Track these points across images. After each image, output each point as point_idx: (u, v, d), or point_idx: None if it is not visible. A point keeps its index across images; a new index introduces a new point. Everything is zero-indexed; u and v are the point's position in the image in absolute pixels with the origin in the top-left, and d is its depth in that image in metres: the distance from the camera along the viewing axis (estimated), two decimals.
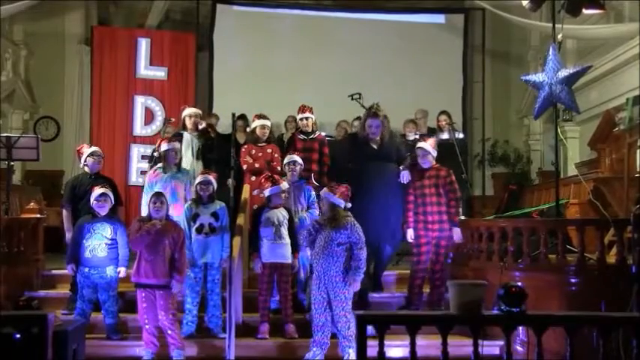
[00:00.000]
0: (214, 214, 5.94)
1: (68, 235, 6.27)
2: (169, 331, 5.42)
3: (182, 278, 5.58)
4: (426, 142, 6.45)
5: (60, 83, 11.47)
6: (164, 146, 6.48)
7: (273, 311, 6.03)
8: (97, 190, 5.88)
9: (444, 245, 6.31)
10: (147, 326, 5.48)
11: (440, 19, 11.58)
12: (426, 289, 6.42)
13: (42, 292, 6.46)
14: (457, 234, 6.30)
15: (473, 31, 11.50)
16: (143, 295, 5.47)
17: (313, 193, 6.36)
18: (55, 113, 11.45)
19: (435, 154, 6.42)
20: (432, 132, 9.15)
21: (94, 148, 6.55)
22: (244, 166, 7.11)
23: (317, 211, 6.16)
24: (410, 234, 6.38)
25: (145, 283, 5.46)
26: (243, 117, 8.79)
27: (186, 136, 7.28)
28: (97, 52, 10.38)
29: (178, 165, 6.55)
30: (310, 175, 6.88)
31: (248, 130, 7.82)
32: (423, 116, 9.36)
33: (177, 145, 6.55)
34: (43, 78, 11.39)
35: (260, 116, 7.37)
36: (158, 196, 5.63)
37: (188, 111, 7.54)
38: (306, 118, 7.31)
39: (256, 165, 7.05)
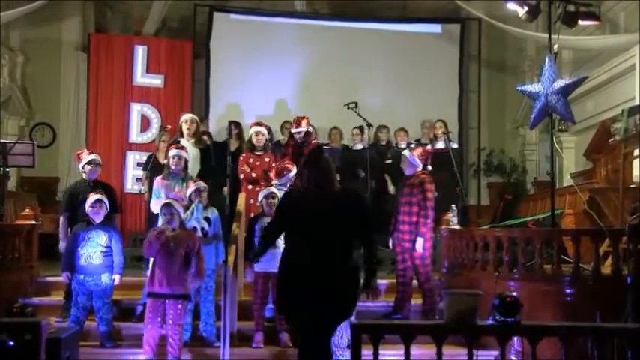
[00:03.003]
0: (207, 219, 5.94)
1: (62, 245, 6.26)
2: (171, 340, 5.37)
3: (199, 280, 5.59)
4: (414, 151, 6.46)
5: (56, 90, 11.44)
6: (171, 152, 6.51)
7: (268, 319, 6.02)
8: (92, 197, 5.87)
9: (418, 256, 6.24)
10: (149, 334, 5.43)
11: (436, 28, 11.59)
12: (419, 299, 6.41)
13: (36, 299, 6.43)
14: (418, 244, 6.19)
15: (469, 41, 11.52)
16: (152, 305, 5.42)
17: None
18: (51, 120, 11.42)
19: (417, 163, 6.38)
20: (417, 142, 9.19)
21: (92, 156, 6.52)
22: (241, 175, 7.12)
23: None
24: (390, 243, 6.47)
25: (157, 292, 5.41)
26: (236, 124, 8.79)
27: (183, 142, 7.29)
28: (93, 59, 10.38)
29: (185, 171, 6.56)
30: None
31: (246, 138, 7.82)
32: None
33: (183, 153, 6.56)
34: (40, 84, 11.37)
35: (255, 124, 7.40)
36: (168, 207, 5.57)
37: (184, 117, 7.56)
38: (299, 133, 7.37)
39: (253, 175, 7.06)
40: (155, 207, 6.23)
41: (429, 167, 6.70)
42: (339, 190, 4.33)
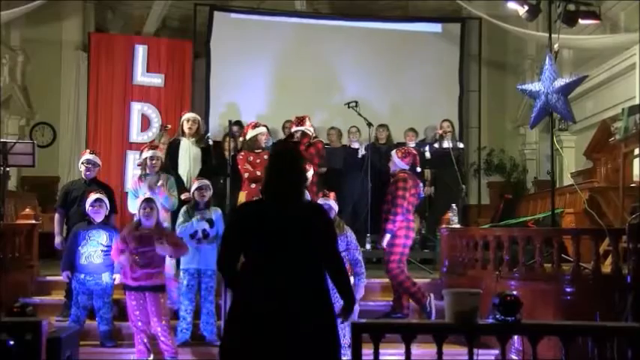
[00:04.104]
0: (209, 221, 5.94)
1: (57, 240, 6.31)
2: (162, 338, 5.41)
3: (181, 250, 5.63)
4: (398, 151, 6.46)
5: (56, 89, 11.44)
6: (146, 153, 6.53)
7: None
8: (92, 196, 5.89)
9: (387, 252, 6.23)
10: (139, 330, 5.46)
11: (437, 27, 11.58)
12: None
13: (36, 299, 6.44)
14: (385, 240, 6.18)
15: (469, 40, 11.51)
16: (133, 299, 5.47)
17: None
18: (52, 119, 11.42)
19: (398, 163, 6.36)
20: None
21: (86, 157, 6.54)
22: (245, 174, 7.11)
23: None
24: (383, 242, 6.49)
25: (134, 285, 5.47)
26: (238, 123, 8.77)
27: (184, 141, 7.29)
28: (93, 58, 10.39)
29: (159, 172, 6.57)
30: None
31: (241, 138, 7.81)
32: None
33: (158, 153, 6.62)
34: (40, 84, 11.37)
35: (256, 125, 7.40)
36: (148, 202, 5.64)
37: (186, 116, 7.56)
38: (297, 131, 7.38)
39: (257, 173, 7.06)
40: (134, 206, 6.24)
41: (418, 169, 6.69)
42: (304, 203, 3.51)
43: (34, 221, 6.82)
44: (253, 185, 7.01)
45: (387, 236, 6.16)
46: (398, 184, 6.23)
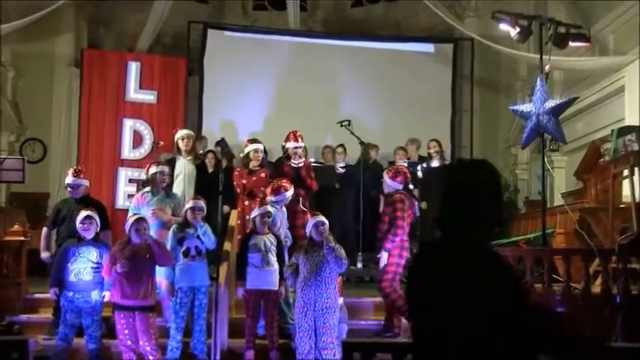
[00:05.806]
0: (199, 237, 5.91)
1: (43, 255, 6.26)
2: (151, 357, 5.36)
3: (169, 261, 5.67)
4: (389, 172, 6.46)
5: (48, 105, 11.39)
6: (153, 169, 6.47)
7: (259, 337, 5.98)
8: (82, 213, 5.84)
9: (380, 271, 6.23)
10: (128, 349, 5.43)
11: (429, 48, 11.68)
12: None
13: (24, 317, 6.38)
14: (382, 259, 6.16)
15: (462, 61, 11.59)
16: (122, 318, 5.43)
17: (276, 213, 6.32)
18: (42, 135, 11.36)
19: (390, 183, 6.34)
20: (422, 160, 9.26)
21: (67, 181, 6.49)
22: (238, 189, 7.10)
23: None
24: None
25: (125, 305, 5.44)
26: (221, 142, 8.74)
27: (180, 160, 7.27)
28: (86, 74, 10.35)
29: (167, 189, 6.52)
30: (299, 199, 6.87)
31: (241, 154, 7.81)
32: (412, 144, 9.51)
33: (166, 168, 6.53)
34: (31, 100, 11.31)
35: (253, 141, 7.40)
36: (140, 222, 5.63)
37: (180, 134, 7.53)
38: (299, 148, 7.35)
39: (252, 188, 7.03)
40: None
41: (411, 186, 6.69)
42: (489, 254, 2.29)
43: (22, 238, 6.77)
44: (247, 202, 6.99)
45: (385, 255, 6.15)
46: (396, 205, 6.21)
